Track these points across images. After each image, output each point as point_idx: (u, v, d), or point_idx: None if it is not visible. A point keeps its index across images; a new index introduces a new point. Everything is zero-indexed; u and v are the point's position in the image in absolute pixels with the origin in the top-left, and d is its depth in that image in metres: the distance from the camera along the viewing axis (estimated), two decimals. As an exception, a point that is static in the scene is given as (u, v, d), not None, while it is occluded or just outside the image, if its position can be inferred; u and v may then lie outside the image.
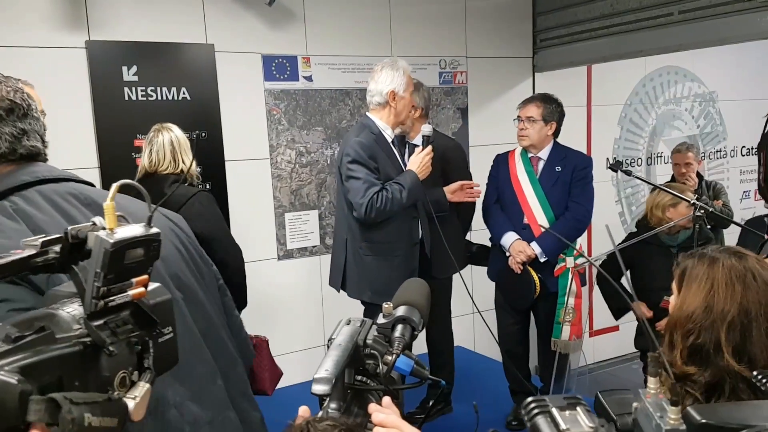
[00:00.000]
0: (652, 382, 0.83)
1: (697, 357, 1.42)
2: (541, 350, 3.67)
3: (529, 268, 3.45)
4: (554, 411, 0.73)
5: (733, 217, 4.32)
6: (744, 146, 6.05)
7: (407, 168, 3.12)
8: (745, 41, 3.76)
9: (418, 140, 3.31)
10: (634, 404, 0.85)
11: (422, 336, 3.78)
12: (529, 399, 0.77)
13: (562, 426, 0.71)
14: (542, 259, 3.44)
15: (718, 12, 3.54)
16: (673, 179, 4.68)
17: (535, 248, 3.43)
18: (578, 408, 0.73)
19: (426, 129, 3.13)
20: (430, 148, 3.08)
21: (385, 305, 1.24)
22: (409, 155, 3.29)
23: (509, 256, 3.49)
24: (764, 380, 0.96)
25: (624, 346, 4.25)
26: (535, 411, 0.74)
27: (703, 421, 0.94)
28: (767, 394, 0.95)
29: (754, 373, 0.99)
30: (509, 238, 3.49)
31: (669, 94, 5.56)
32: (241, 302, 2.99)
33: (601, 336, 5.09)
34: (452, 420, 3.55)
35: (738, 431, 0.91)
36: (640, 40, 4.02)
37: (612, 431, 0.76)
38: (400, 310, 1.23)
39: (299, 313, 4.10)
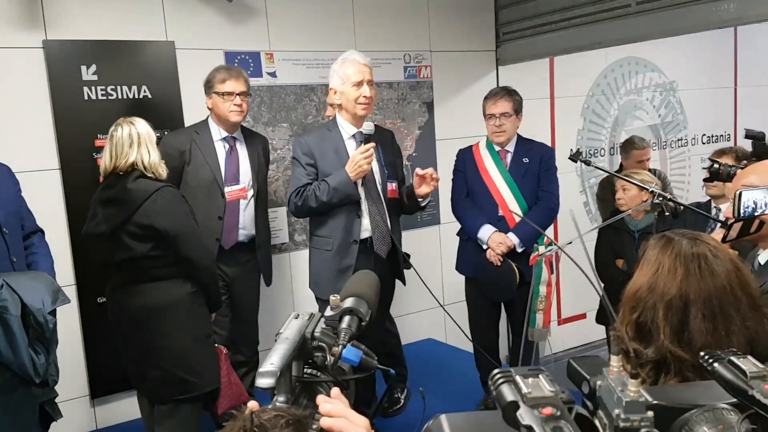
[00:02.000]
0: (614, 360, 0.86)
1: (641, 333, 1.47)
2: (515, 340, 3.72)
3: (508, 260, 3.50)
4: (518, 378, 0.77)
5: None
6: (704, 134, 6.18)
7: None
8: (701, 31, 3.82)
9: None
10: (598, 382, 0.88)
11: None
12: (495, 371, 0.80)
13: (524, 390, 0.75)
14: (519, 249, 3.50)
15: (675, 2, 3.60)
16: (621, 169, 4.73)
17: (513, 239, 3.48)
18: (540, 376, 0.78)
19: (366, 127, 3.02)
20: (367, 146, 2.96)
21: (332, 297, 1.25)
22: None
23: (487, 248, 3.52)
24: (711, 360, 0.98)
25: (591, 334, 4.32)
26: (501, 380, 0.78)
27: (655, 402, 0.97)
28: (714, 374, 0.98)
29: (701, 354, 1.02)
30: (487, 231, 3.53)
31: (630, 84, 5.65)
32: (212, 304, 2.93)
33: (568, 324, 5.17)
34: (417, 410, 3.59)
35: (688, 411, 0.94)
36: (599, 32, 4.06)
37: (570, 395, 0.79)
38: (348, 302, 1.24)
39: (269, 311, 4.08)
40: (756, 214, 1.77)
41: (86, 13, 3.52)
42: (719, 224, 3.31)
